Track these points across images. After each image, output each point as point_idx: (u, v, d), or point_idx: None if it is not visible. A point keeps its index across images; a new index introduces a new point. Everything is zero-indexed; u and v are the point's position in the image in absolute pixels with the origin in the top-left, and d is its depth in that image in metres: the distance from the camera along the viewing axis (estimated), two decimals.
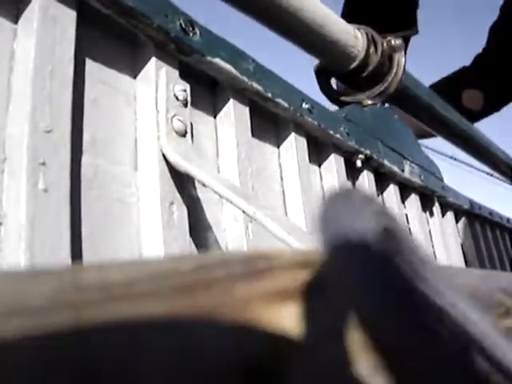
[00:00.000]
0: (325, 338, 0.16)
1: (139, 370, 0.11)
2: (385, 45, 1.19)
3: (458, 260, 1.53)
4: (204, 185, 0.60)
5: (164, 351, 0.12)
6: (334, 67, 1.17)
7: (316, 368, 0.15)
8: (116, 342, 0.11)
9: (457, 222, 1.67)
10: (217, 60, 0.71)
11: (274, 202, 0.85)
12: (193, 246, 0.64)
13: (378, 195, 1.23)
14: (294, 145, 0.91)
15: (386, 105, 1.31)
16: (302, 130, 0.95)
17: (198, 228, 0.67)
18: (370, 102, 1.20)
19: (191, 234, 0.63)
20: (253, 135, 0.82)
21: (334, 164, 1.03)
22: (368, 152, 1.10)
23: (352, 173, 1.13)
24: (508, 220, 2.14)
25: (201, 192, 0.69)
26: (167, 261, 0.15)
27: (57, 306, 0.11)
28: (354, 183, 1.13)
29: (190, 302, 0.13)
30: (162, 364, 0.12)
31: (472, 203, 1.74)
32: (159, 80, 0.64)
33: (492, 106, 2.01)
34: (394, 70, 1.21)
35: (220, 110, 0.78)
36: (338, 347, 0.16)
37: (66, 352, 0.11)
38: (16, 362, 0.10)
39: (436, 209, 1.47)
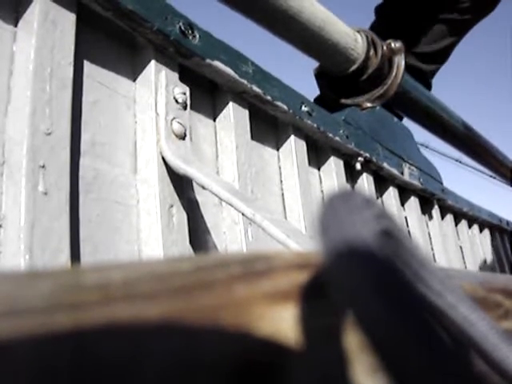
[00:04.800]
0: (323, 340, 0.16)
1: (138, 371, 0.11)
2: (385, 48, 1.19)
3: (457, 262, 1.53)
4: (203, 187, 0.60)
5: (163, 352, 0.12)
6: (334, 70, 1.17)
7: (314, 369, 0.15)
8: (115, 343, 0.11)
9: (456, 224, 1.67)
10: (216, 63, 0.71)
11: (274, 205, 0.85)
12: (192, 248, 0.64)
13: (378, 198, 1.23)
14: (294, 148, 0.91)
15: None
16: (301, 132, 0.95)
17: (198, 231, 0.67)
18: (369, 105, 1.20)
19: (191, 237, 0.63)
20: (252, 138, 0.82)
21: (334, 167, 1.03)
22: (367, 155, 1.10)
23: (351, 176, 1.13)
24: (507, 222, 2.14)
25: (200, 195, 0.69)
26: (167, 262, 0.15)
27: (56, 307, 0.11)
28: (353, 186, 1.13)
29: (189, 303, 0.13)
30: (161, 365, 0.12)
31: (471, 205, 1.75)
32: (159, 83, 0.64)
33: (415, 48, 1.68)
34: (394, 73, 1.21)
35: (219, 112, 0.78)
36: (337, 349, 0.16)
37: (64, 353, 0.11)
38: (14, 363, 0.10)
39: (435, 211, 1.48)
